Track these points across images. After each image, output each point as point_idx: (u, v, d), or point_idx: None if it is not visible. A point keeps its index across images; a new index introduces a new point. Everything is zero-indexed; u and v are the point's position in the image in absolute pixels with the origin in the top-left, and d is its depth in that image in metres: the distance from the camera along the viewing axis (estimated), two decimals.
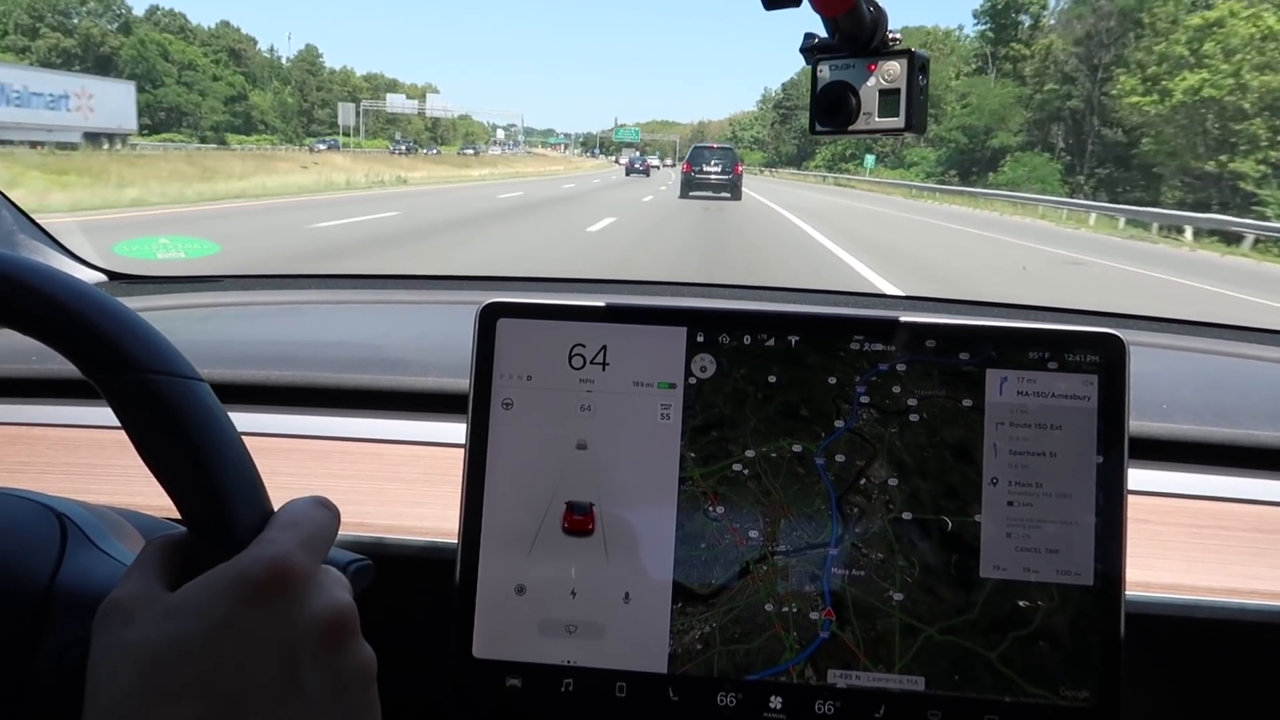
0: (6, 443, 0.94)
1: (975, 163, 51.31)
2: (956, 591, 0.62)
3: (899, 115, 0.62)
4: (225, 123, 75.39)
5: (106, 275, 1.48)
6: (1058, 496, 0.62)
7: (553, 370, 0.66)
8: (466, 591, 0.65)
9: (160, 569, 0.44)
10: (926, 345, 0.64)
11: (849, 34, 0.61)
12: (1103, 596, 0.62)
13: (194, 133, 69.62)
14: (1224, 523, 0.84)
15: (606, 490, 0.65)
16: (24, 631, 0.48)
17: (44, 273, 0.46)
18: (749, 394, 0.65)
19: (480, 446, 0.66)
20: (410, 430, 0.94)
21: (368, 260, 8.73)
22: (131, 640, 0.41)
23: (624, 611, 0.64)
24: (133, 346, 0.45)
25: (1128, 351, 0.63)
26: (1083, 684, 0.61)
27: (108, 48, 70.65)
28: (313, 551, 0.45)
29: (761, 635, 0.63)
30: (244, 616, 0.41)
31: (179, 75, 72.41)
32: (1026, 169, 44.20)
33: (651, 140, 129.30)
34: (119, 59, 69.35)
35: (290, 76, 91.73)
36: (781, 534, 0.63)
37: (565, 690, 0.64)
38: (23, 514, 0.53)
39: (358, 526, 0.77)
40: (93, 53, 70.23)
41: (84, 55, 69.67)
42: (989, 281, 10.43)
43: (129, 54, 69.52)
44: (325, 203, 16.86)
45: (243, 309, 1.52)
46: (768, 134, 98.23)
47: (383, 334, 1.35)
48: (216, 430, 0.46)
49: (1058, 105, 49.17)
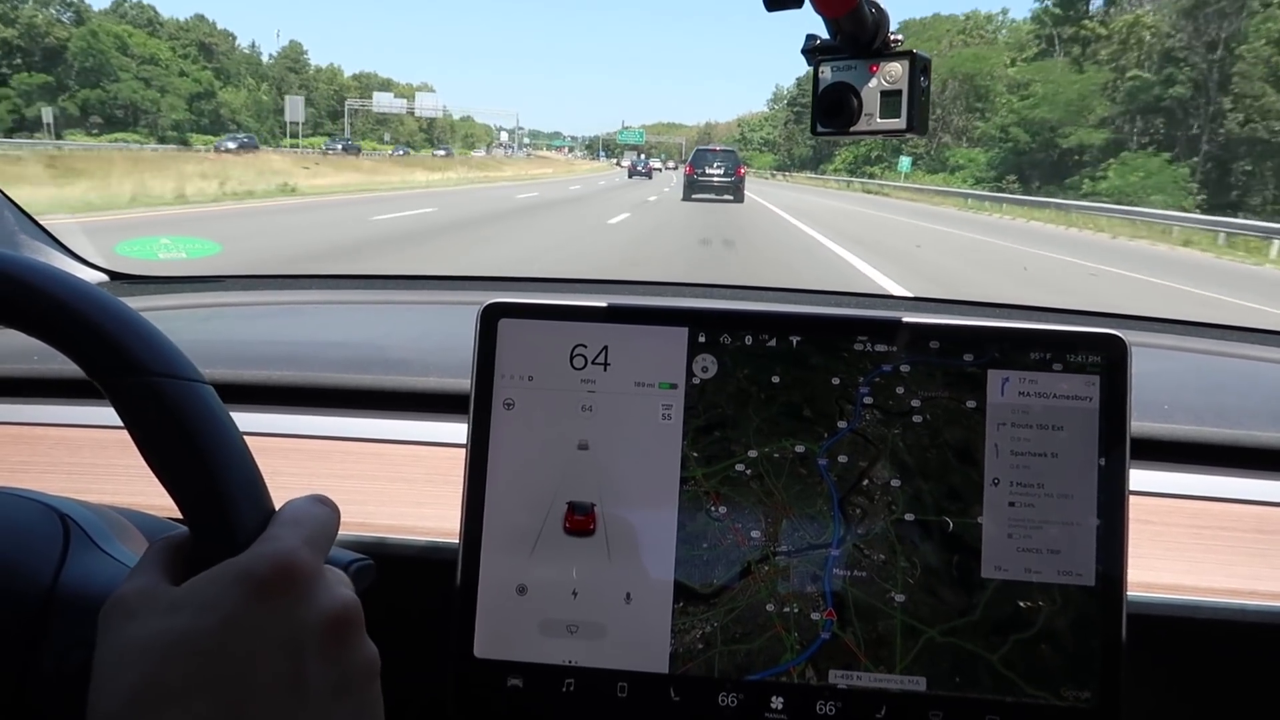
0: (9, 442, 0.94)
1: (1041, 165, 42.18)
2: (958, 593, 0.62)
3: (900, 116, 0.62)
4: (188, 121, 70.26)
5: (108, 275, 1.48)
6: (1059, 497, 0.62)
7: (554, 370, 0.66)
8: (468, 591, 0.65)
9: (164, 567, 0.44)
10: (930, 346, 0.64)
11: (850, 35, 0.61)
12: (1104, 597, 0.62)
13: (151, 132, 64.86)
14: (1225, 523, 0.84)
15: (608, 490, 0.65)
16: (26, 632, 0.48)
17: (49, 274, 0.46)
18: (752, 394, 0.65)
19: (482, 447, 0.66)
20: (412, 430, 0.95)
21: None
22: (136, 636, 0.41)
23: (625, 611, 0.64)
24: (137, 349, 0.45)
25: (1129, 352, 0.63)
26: (1084, 685, 0.61)
27: (54, 39, 64.18)
28: (316, 549, 0.45)
29: (762, 635, 0.63)
30: (249, 612, 0.41)
31: (138, 70, 67.17)
32: (1140, 174, 33.72)
33: (657, 143, 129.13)
34: (68, 52, 63.85)
35: (269, 73, 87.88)
36: (783, 534, 0.63)
37: (566, 690, 0.64)
38: (26, 514, 0.53)
39: (359, 526, 0.77)
40: (38, 44, 63.54)
41: (27, 48, 63.26)
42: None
43: (78, 46, 64.00)
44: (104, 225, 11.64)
45: (244, 309, 1.52)
46: (779, 135, 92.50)
47: (384, 334, 1.35)
48: (220, 433, 0.46)
49: (1156, 94, 38.79)
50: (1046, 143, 42.16)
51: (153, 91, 67.31)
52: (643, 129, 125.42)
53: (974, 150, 50.49)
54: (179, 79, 71.44)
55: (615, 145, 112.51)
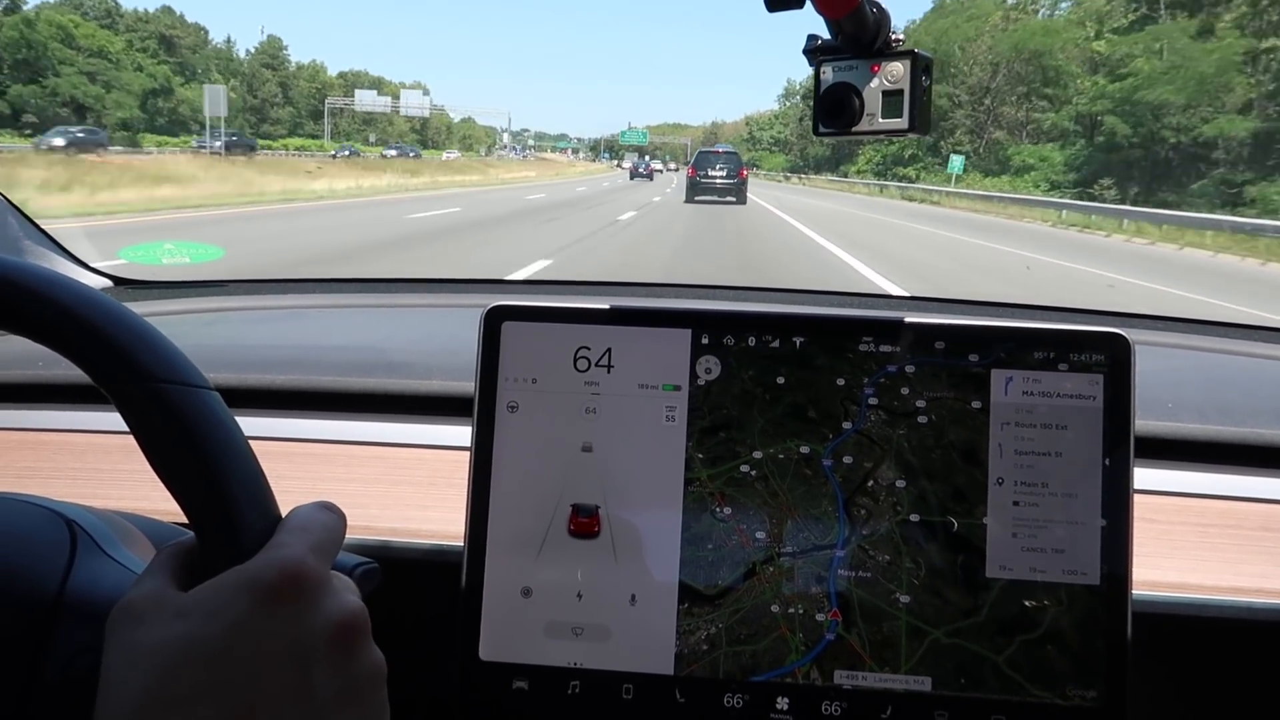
0: (14, 448, 0.94)
1: (1143, 165, 30.48)
2: (963, 593, 0.62)
3: (902, 116, 0.62)
4: (140, 120, 61.53)
5: (112, 281, 1.48)
6: (1064, 496, 0.62)
7: (557, 373, 0.66)
8: (473, 594, 0.65)
9: (172, 573, 0.45)
10: (935, 347, 0.64)
11: (852, 36, 0.61)
12: (1109, 596, 0.61)
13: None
14: (1231, 521, 0.83)
15: (612, 492, 0.65)
16: (33, 638, 0.48)
17: (53, 280, 0.46)
18: (757, 395, 0.65)
19: (486, 449, 0.66)
20: (416, 434, 0.95)
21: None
22: (144, 642, 0.41)
23: (630, 613, 0.64)
24: (143, 355, 0.46)
25: (1133, 351, 0.63)
26: (1090, 684, 0.61)
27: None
28: (323, 555, 0.45)
29: (767, 636, 0.63)
30: (256, 619, 0.41)
31: (83, 64, 58.29)
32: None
33: (662, 143, 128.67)
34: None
35: (241, 70, 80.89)
36: (788, 535, 0.63)
37: (572, 692, 0.64)
38: (32, 520, 0.53)
39: (364, 530, 0.78)
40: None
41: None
42: None
43: (9, 37, 54.75)
44: None
45: (247, 313, 1.52)
46: (791, 133, 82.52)
47: (387, 338, 1.35)
48: (226, 440, 0.46)
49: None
50: (1150, 135, 30.27)
51: (97, 88, 58.85)
52: (646, 129, 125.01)
53: (1045, 146, 38.29)
54: (132, 74, 62.76)
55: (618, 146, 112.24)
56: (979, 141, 44.40)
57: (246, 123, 75.32)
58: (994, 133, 45.17)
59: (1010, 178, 37.28)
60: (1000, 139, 44.01)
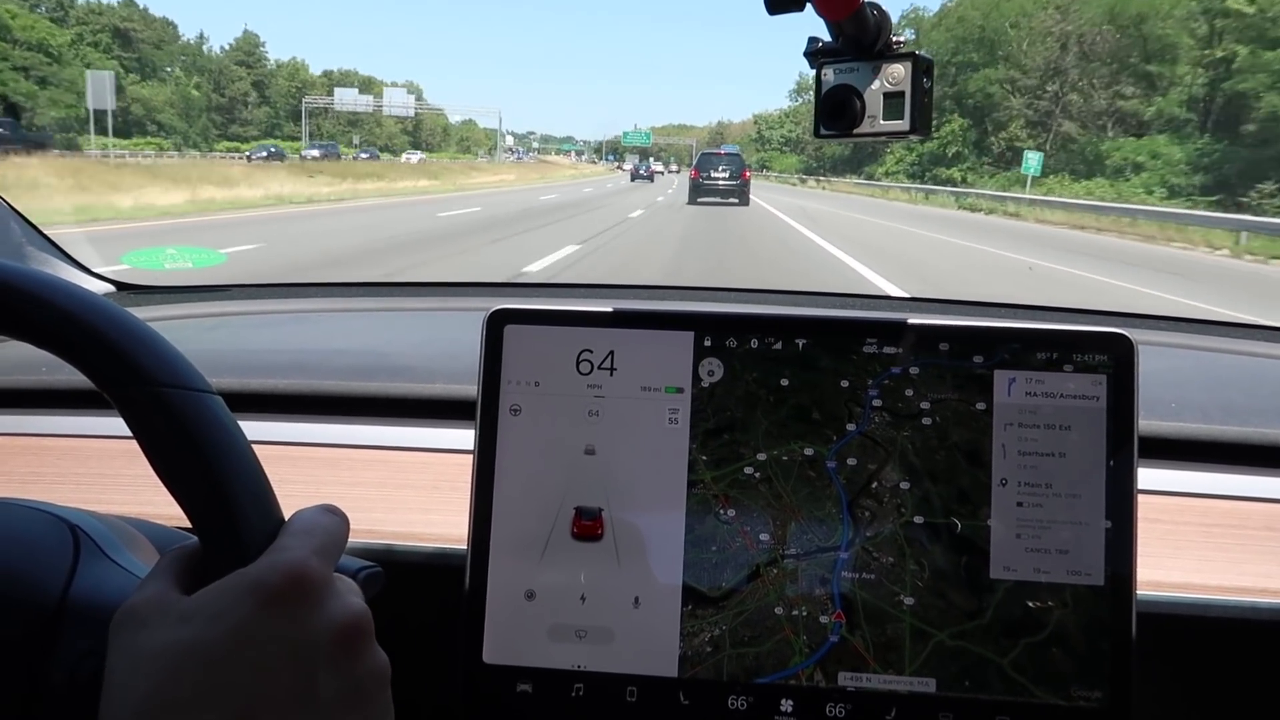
0: (17, 453, 0.94)
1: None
2: (967, 595, 0.62)
3: (904, 118, 0.62)
4: (80, 120, 50.42)
5: (114, 286, 1.48)
6: (1068, 497, 0.62)
7: (560, 376, 0.66)
8: (476, 597, 0.65)
9: (175, 578, 0.45)
10: (939, 348, 0.64)
11: (853, 38, 0.61)
12: (1114, 596, 0.61)
13: (28, 132, 44.39)
14: (1235, 521, 0.83)
15: (615, 495, 0.65)
16: (37, 643, 0.48)
17: (56, 285, 0.46)
18: (760, 397, 0.65)
19: (489, 453, 0.66)
20: (419, 437, 0.95)
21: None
22: (147, 646, 0.41)
23: (634, 615, 0.64)
24: (145, 360, 0.46)
25: (1136, 351, 0.63)
26: (1094, 685, 0.61)
27: None
28: (326, 559, 0.45)
29: (771, 638, 0.63)
30: (260, 622, 0.41)
31: (18, 58, 50.82)
32: None
33: (667, 144, 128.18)
34: None
35: (209, 66, 74.67)
36: (792, 537, 0.63)
37: (575, 695, 0.64)
38: (35, 525, 0.53)
39: (367, 534, 0.78)
40: None
41: None
42: None
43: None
44: None
45: (250, 318, 1.53)
46: (804, 131, 64.07)
47: (390, 341, 1.36)
48: (228, 443, 0.46)
49: None
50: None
51: (29, 84, 51.08)
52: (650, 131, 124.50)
53: (1157, 139, 28.70)
54: (78, 70, 53.39)
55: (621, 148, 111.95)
56: (1044, 135, 35.41)
57: (211, 123, 70.64)
58: (1061, 124, 35.98)
59: (1110, 181, 29.03)
60: (1071, 132, 35.09)
